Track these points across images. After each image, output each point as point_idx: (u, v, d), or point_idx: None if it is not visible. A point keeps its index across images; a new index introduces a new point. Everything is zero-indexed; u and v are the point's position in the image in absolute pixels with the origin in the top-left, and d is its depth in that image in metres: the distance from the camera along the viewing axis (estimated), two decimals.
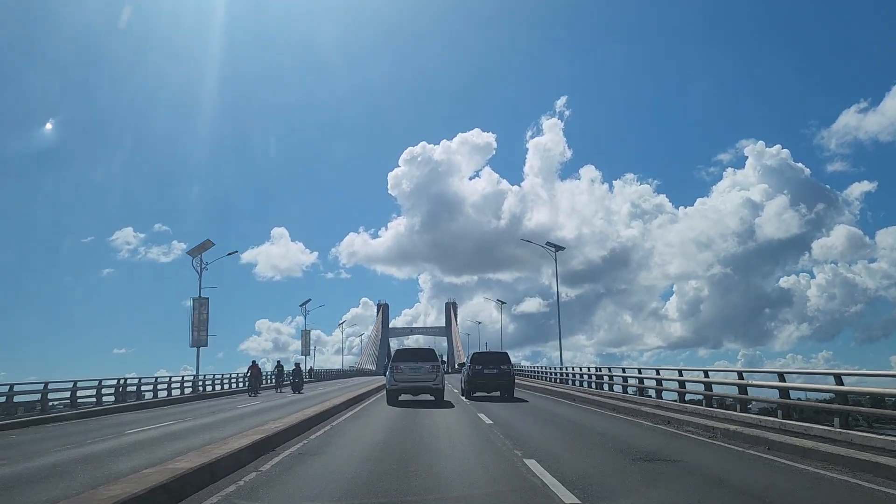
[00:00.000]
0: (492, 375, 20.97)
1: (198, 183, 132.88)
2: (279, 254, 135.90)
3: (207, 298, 39.00)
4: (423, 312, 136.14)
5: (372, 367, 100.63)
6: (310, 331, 61.21)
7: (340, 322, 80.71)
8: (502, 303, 52.17)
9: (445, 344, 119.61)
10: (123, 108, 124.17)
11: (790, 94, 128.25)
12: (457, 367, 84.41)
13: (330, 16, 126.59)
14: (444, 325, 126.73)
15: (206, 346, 38.75)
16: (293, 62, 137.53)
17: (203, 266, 37.69)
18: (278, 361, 37.12)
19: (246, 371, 32.34)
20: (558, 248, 39.85)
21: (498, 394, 21.12)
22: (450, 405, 17.36)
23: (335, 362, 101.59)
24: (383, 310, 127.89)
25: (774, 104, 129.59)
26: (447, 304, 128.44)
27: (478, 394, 21.20)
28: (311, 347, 62.00)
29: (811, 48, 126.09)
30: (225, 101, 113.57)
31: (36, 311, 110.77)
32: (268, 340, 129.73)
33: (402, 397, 18.67)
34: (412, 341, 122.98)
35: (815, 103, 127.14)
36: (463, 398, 21.05)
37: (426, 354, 19.77)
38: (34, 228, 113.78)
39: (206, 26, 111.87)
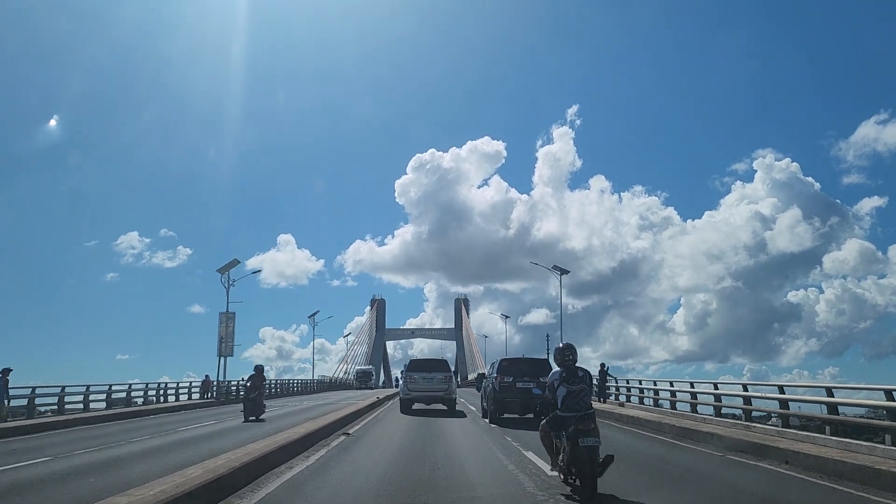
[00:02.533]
0: (527, 392, 17.09)
1: (205, 188, 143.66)
2: (285, 261, 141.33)
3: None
4: (429, 322, 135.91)
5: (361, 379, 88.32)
6: (232, 314, 41.44)
7: (311, 315, 67.23)
8: (563, 271, 36.04)
9: (455, 350, 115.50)
10: (132, 111, 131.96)
11: (808, 104, 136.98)
12: (473, 378, 71.32)
13: (340, 22, 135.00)
14: (452, 327, 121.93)
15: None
16: (303, 68, 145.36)
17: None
18: None
19: None
20: None
21: (531, 416, 17.07)
22: (476, 436, 14.23)
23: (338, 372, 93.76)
24: (378, 307, 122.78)
25: (792, 114, 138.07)
26: (457, 302, 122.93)
27: (506, 415, 17.68)
28: (232, 344, 40.66)
29: (831, 58, 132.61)
30: (233, 105, 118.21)
31: (38, 315, 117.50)
32: (272, 349, 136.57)
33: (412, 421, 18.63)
34: (417, 351, 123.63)
35: (834, 114, 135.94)
36: (486, 421, 17.78)
37: (439, 365, 22.25)
38: (37, 231, 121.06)
39: (222, 31, 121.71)
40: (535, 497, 7.03)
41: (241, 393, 31.41)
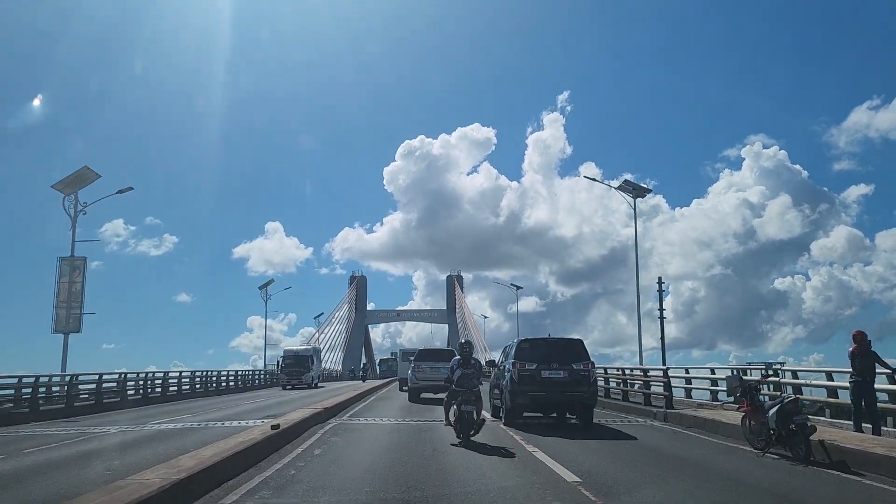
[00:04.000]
0: (558, 382, 13.94)
1: (191, 175, 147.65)
2: (273, 248, 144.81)
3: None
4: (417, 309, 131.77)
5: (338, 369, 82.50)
6: (81, 262, 28.24)
7: (263, 285, 60.81)
8: (638, 192, 31.16)
9: (447, 334, 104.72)
10: (115, 97, 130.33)
11: (803, 90, 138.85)
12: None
13: (328, 7, 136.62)
14: (444, 308, 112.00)
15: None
16: (290, 54, 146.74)
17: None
18: None
19: None
20: None
21: (555, 415, 15.02)
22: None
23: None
24: (358, 285, 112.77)
25: (785, 100, 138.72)
26: (450, 279, 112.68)
27: (528, 414, 14.95)
28: (79, 313, 28.07)
29: (826, 43, 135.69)
30: (220, 93, 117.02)
31: (20, 304, 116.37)
32: (260, 338, 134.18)
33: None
34: (405, 339, 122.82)
35: (827, 99, 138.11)
36: (498, 423, 14.27)
37: (447, 355, 23.01)
38: (18, 217, 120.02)
39: (209, 19, 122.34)
40: None
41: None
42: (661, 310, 21.61)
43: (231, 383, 35.92)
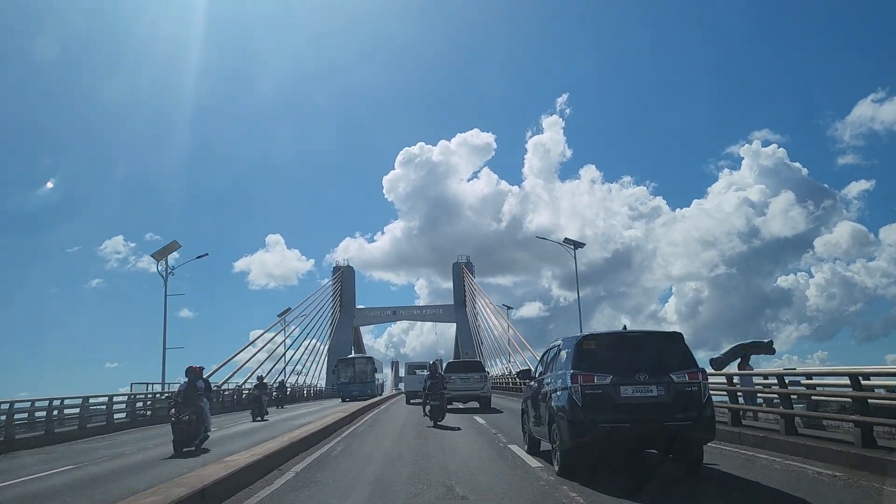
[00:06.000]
0: (649, 405, 8.69)
1: (191, 190, 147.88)
2: (274, 261, 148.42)
3: None
4: (419, 306, 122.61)
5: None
6: None
7: (160, 250, 50.45)
8: None
9: (454, 334, 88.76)
10: (111, 113, 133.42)
11: (806, 83, 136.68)
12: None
13: (324, 14, 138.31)
14: (451, 303, 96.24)
15: None
16: (286, 63, 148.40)
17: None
18: None
19: None
20: None
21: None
22: None
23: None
24: (343, 278, 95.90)
25: (788, 94, 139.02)
26: (456, 267, 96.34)
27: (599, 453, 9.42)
28: None
29: (828, 37, 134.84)
30: (217, 106, 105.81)
31: (20, 324, 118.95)
32: (263, 350, 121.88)
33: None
34: (409, 349, 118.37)
35: (831, 93, 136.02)
36: (544, 467, 9.60)
37: (474, 366, 27.80)
38: (15, 237, 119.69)
39: (190, 27, 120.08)
40: None
41: None
42: None
43: None
